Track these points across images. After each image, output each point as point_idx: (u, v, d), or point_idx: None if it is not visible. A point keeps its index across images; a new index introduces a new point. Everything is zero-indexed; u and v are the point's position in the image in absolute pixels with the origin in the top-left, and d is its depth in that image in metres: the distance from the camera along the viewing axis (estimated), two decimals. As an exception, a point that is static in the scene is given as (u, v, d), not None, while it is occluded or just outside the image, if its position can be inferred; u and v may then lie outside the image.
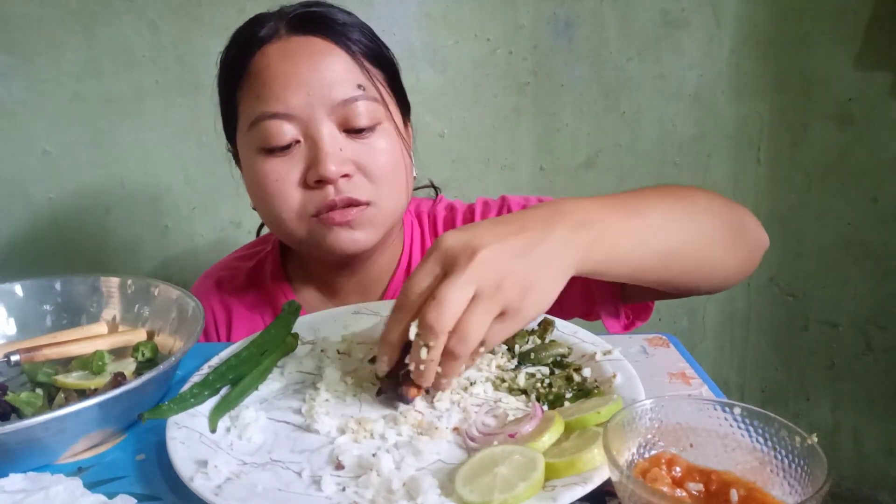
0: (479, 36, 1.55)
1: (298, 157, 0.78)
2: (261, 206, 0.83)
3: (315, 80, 0.76)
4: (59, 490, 0.49)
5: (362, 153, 0.78)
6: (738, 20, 1.56)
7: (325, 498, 0.48)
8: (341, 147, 0.77)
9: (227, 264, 1.02)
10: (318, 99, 0.76)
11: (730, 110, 1.63)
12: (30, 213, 1.57)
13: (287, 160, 0.78)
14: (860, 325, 1.70)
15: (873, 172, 1.60)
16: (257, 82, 0.78)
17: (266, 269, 0.96)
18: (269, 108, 0.77)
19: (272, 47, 0.79)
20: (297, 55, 0.78)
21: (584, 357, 0.64)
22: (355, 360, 0.68)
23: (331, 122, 0.77)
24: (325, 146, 0.76)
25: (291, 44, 0.79)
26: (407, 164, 0.85)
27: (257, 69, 0.78)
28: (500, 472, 0.46)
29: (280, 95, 0.76)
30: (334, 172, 0.76)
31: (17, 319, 0.75)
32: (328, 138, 0.77)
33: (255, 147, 0.79)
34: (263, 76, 0.78)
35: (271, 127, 0.77)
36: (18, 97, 1.49)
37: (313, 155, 0.77)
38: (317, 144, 0.77)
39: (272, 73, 0.77)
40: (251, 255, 1.01)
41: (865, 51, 1.52)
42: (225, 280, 0.98)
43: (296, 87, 0.76)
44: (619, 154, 1.65)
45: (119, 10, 1.46)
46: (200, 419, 0.57)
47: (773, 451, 0.44)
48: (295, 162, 0.78)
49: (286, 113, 0.76)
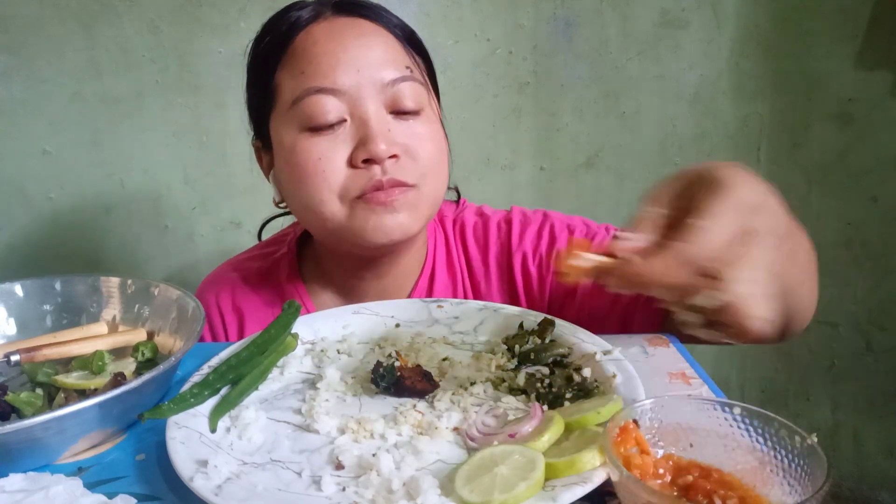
0: (479, 36, 1.55)
1: (343, 136, 0.76)
2: (297, 191, 0.78)
3: (364, 59, 0.75)
4: (59, 490, 0.49)
5: (409, 136, 0.77)
6: (738, 20, 1.56)
7: (325, 498, 0.48)
8: (389, 128, 0.76)
9: (238, 265, 0.98)
10: (367, 77, 0.75)
11: (730, 110, 1.63)
12: (30, 213, 1.57)
13: (331, 138, 0.75)
14: (860, 325, 1.70)
15: (873, 172, 1.60)
16: (302, 59, 0.76)
17: (281, 272, 0.93)
18: (317, 83, 0.74)
19: (318, 27, 0.77)
20: (345, 34, 0.76)
21: (584, 357, 0.64)
22: (355, 360, 0.68)
23: (379, 101, 0.76)
24: (374, 125, 0.74)
25: (339, 24, 0.77)
26: (447, 152, 0.83)
27: (302, 47, 0.76)
28: (500, 472, 0.46)
29: (328, 72, 0.74)
30: (384, 151, 0.74)
31: (17, 319, 0.75)
32: (377, 117, 0.75)
33: (297, 125, 0.76)
34: (310, 53, 0.76)
35: (318, 102, 0.74)
36: (18, 97, 1.49)
37: (362, 134, 0.75)
38: (366, 123, 0.75)
39: (320, 50, 0.75)
40: (264, 255, 0.97)
41: (865, 51, 1.52)
42: (238, 282, 0.94)
43: (345, 64, 0.75)
44: (619, 154, 1.65)
45: (119, 10, 1.46)
46: (200, 419, 0.57)
47: (773, 451, 0.44)
48: (340, 141, 0.75)
49: (334, 88, 0.74)
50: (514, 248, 0.88)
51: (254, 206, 1.62)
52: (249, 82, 0.85)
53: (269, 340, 0.68)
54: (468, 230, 0.93)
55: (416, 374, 0.60)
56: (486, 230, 0.92)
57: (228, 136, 1.55)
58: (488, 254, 0.90)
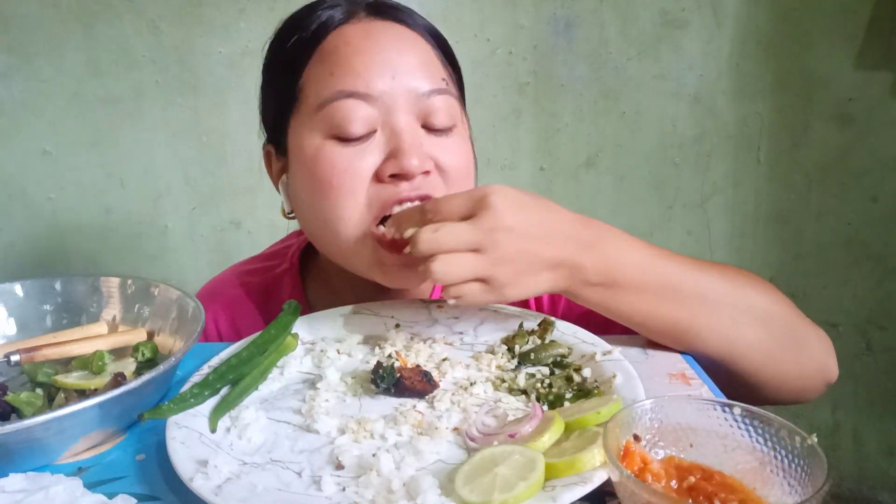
0: (479, 36, 1.55)
1: (372, 147, 0.70)
2: (314, 203, 0.72)
3: (400, 65, 0.70)
4: (59, 490, 0.49)
5: (440, 151, 0.72)
6: (738, 20, 1.56)
7: (325, 498, 0.48)
8: (422, 142, 0.71)
9: (237, 279, 0.92)
10: (403, 85, 0.69)
11: (730, 110, 1.63)
12: (30, 213, 1.57)
13: (359, 149, 0.70)
14: (860, 325, 1.70)
15: (873, 172, 1.60)
16: (333, 59, 0.70)
17: (283, 291, 0.88)
18: (348, 86, 0.69)
19: (351, 28, 0.72)
20: (382, 37, 0.71)
21: (584, 357, 0.64)
22: (355, 360, 0.68)
23: (412, 114, 0.71)
24: (407, 137, 0.69)
25: (374, 26, 0.72)
26: (475, 174, 0.79)
27: (333, 47, 0.71)
28: (500, 472, 0.46)
29: (362, 74, 0.69)
30: (416, 168, 0.68)
31: (17, 319, 0.75)
32: (410, 129, 0.70)
33: (322, 131, 0.70)
34: (342, 52, 0.70)
35: (348, 107, 0.68)
36: (18, 97, 1.49)
37: (393, 146, 0.69)
38: (398, 135, 0.69)
39: (353, 50, 0.70)
40: (262, 269, 0.92)
41: (865, 51, 1.52)
42: (236, 298, 0.89)
43: (380, 68, 0.69)
44: (619, 154, 1.65)
45: (119, 10, 1.46)
46: (200, 419, 0.57)
47: (773, 451, 0.44)
48: (368, 152, 0.70)
49: (367, 94, 0.69)
50: None
51: (254, 206, 1.62)
52: (267, 83, 0.79)
53: (269, 340, 0.68)
54: None
55: (416, 374, 0.60)
56: None
57: (228, 136, 1.55)
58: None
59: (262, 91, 0.81)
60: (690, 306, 0.65)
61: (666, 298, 0.64)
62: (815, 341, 0.69)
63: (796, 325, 0.69)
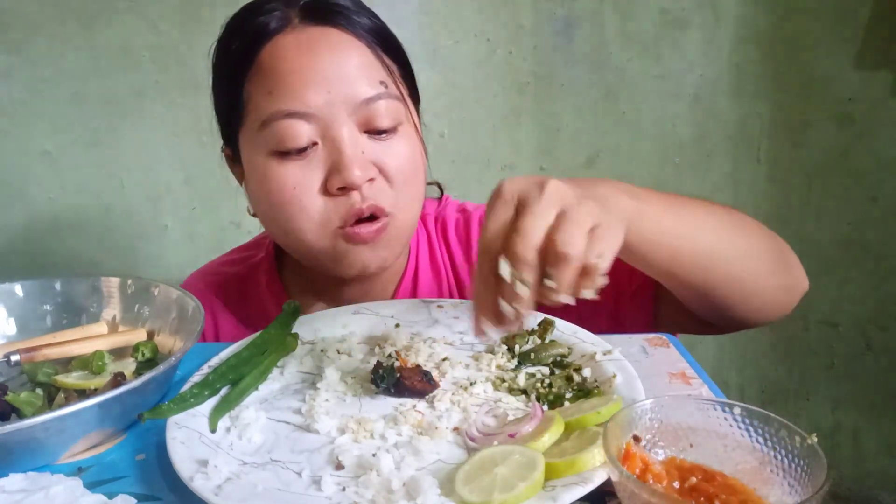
0: (479, 36, 1.55)
1: (316, 160, 0.72)
2: (273, 217, 0.76)
3: (336, 76, 0.70)
4: (59, 490, 0.49)
5: (383, 155, 0.73)
6: (738, 20, 1.56)
7: (325, 498, 0.48)
8: (363, 150, 0.72)
9: (214, 269, 0.95)
10: (340, 97, 0.70)
11: (730, 110, 1.63)
12: (30, 213, 1.57)
13: (304, 164, 0.72)
14: (860, 325, 1.70)
15: (873, 172, 1.60)
16: (270, 77, 0.71)
17: (260, 279, 0.90)
18: (286, 105, 0.70)
19: (286, 38, 0.72)
20: (316, 48, 0.71)
21: (584, 357, 0.64)
22: (355, 360, 0.68)
23: (352, 122, 0.72)
24: (347, 150, 0.70)
25: (308, 35, 0.72)
26: (425, 167, 0.80)
27: (269, 62, 0.72)
28: (500, 472, 0.46)
29: (298, 92, 0.70)
30: (360, 178, 0.70)
31: (17, 319, 0.75)
32: (350, 140, 0.71)
33: (266, 149, 0.73)
34: (278, 70, 0.71)
35: (288, 127, 0.70)
36: (18, 97, 1.49)
37: (335, 159, 0.71)
38: (338, 147, 0.71)
39: (288, 68, 0.70)
40: (240, 260, 0.94)
41: (865, 51, 1.52)
42: (212, 286, 0.91)
43: (316, 83, 0.70)
44: (619, 154, 1.65)
45: (119, 10, 1.46)
46: (200, 419, 0.57)
47: (773, 451, 0.44)
48: (313, 167, 0.72)
49: (305, 112, 0.70)
50: None
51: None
52: (216, 86, 0.80)
53: (269, 340, 0.68)
54: (450, 228, 0.90)
55: (416, 374, 0.60)
56: (468, 227, 0.90)
57: (228, 136, 1.55)
58: (471, 250, 0.88)
59: (213, 92, 0.81)
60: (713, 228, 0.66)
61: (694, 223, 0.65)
62: (793, 255, 0.73)
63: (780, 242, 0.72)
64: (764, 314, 0.73)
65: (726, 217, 0.69)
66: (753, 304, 0.71)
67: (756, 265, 0.69)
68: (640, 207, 0.59)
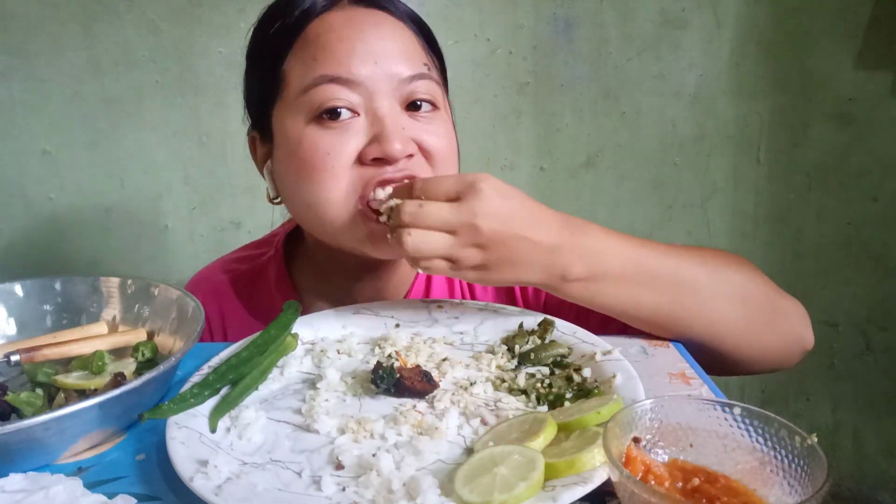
0: (479, 36, 1.55)
1: (354, 130, 0.71)
2: (300, 186, 0.74)
3: (383, 51, 0.71)
4: (59, 490, 0.49)
5: (423, 133, 0.73)
6: (738, 20, 1.56)
7: (325, 498, 0.48)
8: (404, 126, 0.72)
9: (223, 267, 0.95)
10: (384, 70, 0.71)
11: (730, 110, 1.63)
12: (30, 213, 1.57)
13: (341, 132, 0.71)
14: (860, 325, 1.70)
15: (873, 172, 1.60)
16: (315, 45, 0.72)
17: (269, 276, 0.90)
18: (331, 70, 0.70)
19: (333, 15, 0.73)
20: (363, 23, 0.73)
21: (584, 357, 0.64)
22: (355, 360, 0.68)
23: (394, 98, 0.72)
24: (389, 122, 0.70)
25: (357, 13, 0.74)
26: (458, 156, 0.80)
27: (316, 34, 0.73)
28: (499, 472, 0.46)
29: (344, 60, 0.70)
30: (399, 151, 0.70)
31: (17, 319, 0.75)
32: (392, 114, 0.71)
33: (305, 116, 0.72)
34: (325, 39, 0.72)
35: (331, 91, 0.70)
36: (18, 97, 1.49)
37: (376, 130, 0.70)
38: (381, 120, 0.70)
39: (335, 37, 0.71)
40: (249, 257, 0.94)
41: (865, 51, 1.52)
42: (221, 284, 0.91)
43: (362, 54, 0.71)
44: (619, 154, 1.65)
45: (119, 10, 1.46)
46: (200, 419, 0.57)
47: (773, 451, 0.44)
48: (350, 135, 0.71)
49: (349, 79, 0.70)
50: None
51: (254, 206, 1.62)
52: (250, 70, 0.81)
53: (269, 340, 0.68)
54: None
55: (416, 374, 0.60)
56: None
57: (228, 136, 1.55)
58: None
59: (246, 78, 0.82)
60: (671, 292, 0.68)
61: (646, 286, 0.67)
62: (792, 312, 0.73)
63: (773, 298, 0.72)
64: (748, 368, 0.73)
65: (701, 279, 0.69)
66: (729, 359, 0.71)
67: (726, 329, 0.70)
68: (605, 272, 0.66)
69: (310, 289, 0.89)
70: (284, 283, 0.89)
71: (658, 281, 0.67)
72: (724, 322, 0.69)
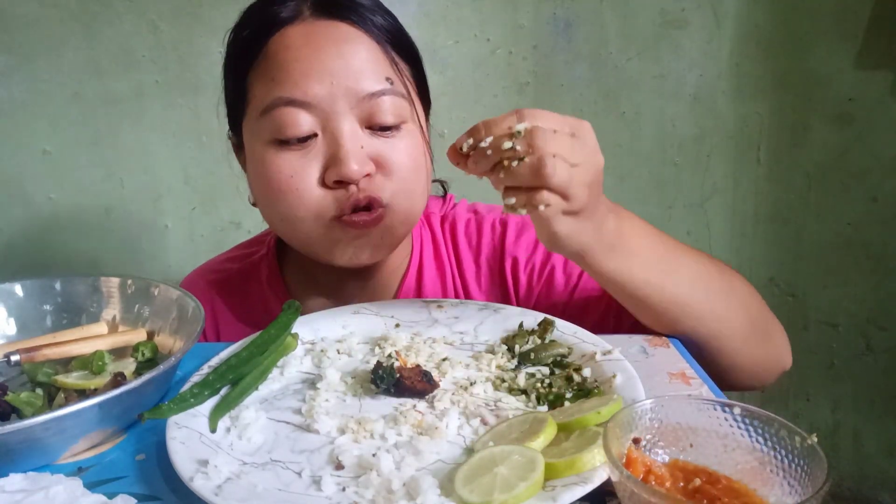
0: (479, 36, 1.55)
1: (315, 152, 0.72)
2: (269, 204, 0.76)
3: (340, 69, 0.70)
4: (59, 490, 0.49)
5: (384, 151, 0.73)
6: (738, 20, 1.56)
7: (325, 498, 0.48)
8: (362, 144, 0.72)
9: (215, 266, 0.96)
10: (342, 90, 0.70)
11: (730, 110, 1.63)
12: (30, 213, 1.57)
13: (303, 154, 0.72)
14: (860, 325, 1.70)
15: (873, 172, 1.60)
16: (274, 64, 0.71)
17: (261, 275, 0.91)
18: (287, 93, 0.70)
19: (294, 29, 0.72)
20: (321, 40, 0.71)
21: (584, 357, 0.64)
22: (355, 360, 0.68)
23: (353, 116, 0.71)
24: (346, 143, 0.70)
25: (316, 27, 0.72)
26: (428, 167, 0.79)
27: (275, 50, 0.72)
28: (499, 473, 0.46)
29: (300, 81, 0.70)
30: (356, 172, 0.70)
31: (17, 319, 0.75)
32: (350, 134, 0.71)
33: (266, 137, 0.73)
34: (282, 58, 0.71)
35: (287, 115, 0.70)
36: (18, 97, 1.49)
37: (333, 151, 0.71)
38: (337, 140, 0.70)
39: (292, 56, 0.71)
40: (241, 256, 0.95)
41: (865, 51, 1.52)
42: (214, 283, 0.92)
43: (318, 74, 0.70)
44: (619, 154, 1.65)
45: (119, 10, 1.46)
46: (200, 419, 0.57)
47: (773, 451, 0.44)
48: (311, 157, 0.72)
49: (305, 101, 0.70)
50: (507, 250, 0.86)
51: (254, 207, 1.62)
52: (225, 76, 0.80)
53: (269, 340, 0.68)
54: (459, 227, 0.90)
55: (416, 374, 0.60)
56: (479, 229, 0.89)
57: (228, 136, 1.55)
58: (480, 254, 0.88)
59: (223, 81, 0.82)
60: (690, 281, 0.67)
61: (670, 272, 0.66)
62: (779, 331, 0.75)
63: (766, 314, 0.74)
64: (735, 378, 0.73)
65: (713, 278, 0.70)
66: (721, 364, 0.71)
67: (729, 331, 0.70)
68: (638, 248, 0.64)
69: (300, 286, 0.90)
70: (276, 281, 0.90)
71: (680, 268, 0.67)
72: (731, 323, 0.70)
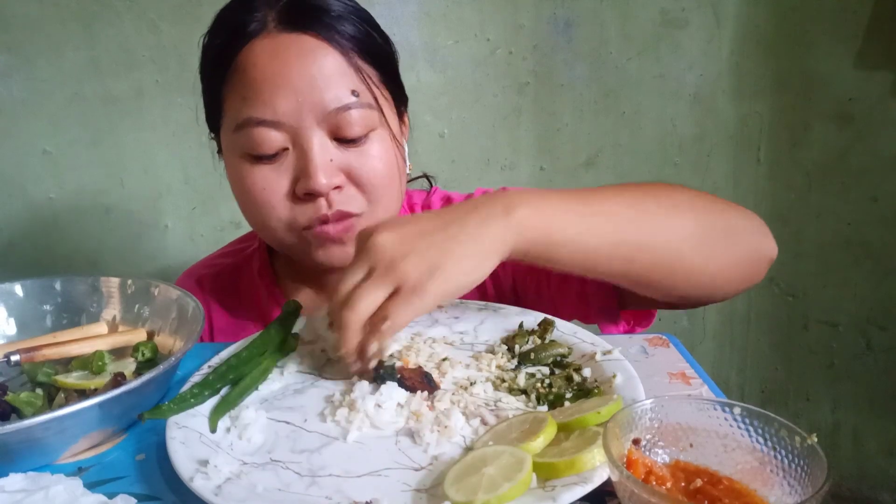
0: (479, 36, 1.55)
1: (286, 165, 0.74)
2: (246, 211, 0.80)
3: (305, 85, 0.71)
4: (59, 490, 0.49)
5: (354, 162, 0.75)
6: (738, 20, 1.56)
7: (325, 498, 0.48)
8: (332, 157, 0.74)
9: (208, 263, 0.98)
10: (308, 105, 0.72)
11: (730, 110, 1.63)
12: (30, 213, 1.57)
13: (274, 168, 0.74)
14: (860, 325, 1.70)
15: (873, 172, 1.60)
16: (244, 82, 0.73)
17: (253, 268, 0.93)
18: (257, 113, 0.72)
19: (260, 44, 0.73)
20: (286, 55, 0.72)
21: (584, 357, 0.64)
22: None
23: (321, 130, 0.73)
24: (314, 157, 0.72)
25: (281, 41, 0.73)
26: (401, 168, 0.80)
27: (244, 66, 0.73)
28: (487, 473, 0.46)
29: (268, 100, 0.72)
30: (325, 186, 0.72)
31: (17, 319, 0.75)
32: (318, 148, 0.73)
33: (239, 151, 0.75)
34: (251, 76, 0.73)
35: (258, 134, 0.72)
36: (18, 97, 1.49)
37: (302, 166, 0.73)
38: (306, 155, 0.73)
39: (259, 74, 0.72)
40: (234, 252, 0.97)
41: (865, 51, 1.52)
42: (206, 278, 0.94)
43: (285, 91, 0.71)
44: (619, 154, 1.65)
45: (119, 10, 1.46)
46: (200, 419, 0.57)
47: (773, 451, 0.44)
48: (283, 170, 0.74)
49: (274, 120, 0.72)
50: None
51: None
52: (202, 82, 0.82)
53: (269, 340, 0.68)
54: None
55: (416, 375, 0.60)
56: None
57: (228, 136, 1.55)
58: None
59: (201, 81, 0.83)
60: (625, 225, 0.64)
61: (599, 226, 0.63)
62: (744, 223, 0.71)
63: (722, 210, 0.71)
64: (718, 287, 0.71)
65: (651, 202, 0.67)
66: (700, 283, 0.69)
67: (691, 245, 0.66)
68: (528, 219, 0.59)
69: (289, 278, 0.92)
70: (266, 273, 0.92)
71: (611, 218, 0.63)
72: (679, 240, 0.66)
